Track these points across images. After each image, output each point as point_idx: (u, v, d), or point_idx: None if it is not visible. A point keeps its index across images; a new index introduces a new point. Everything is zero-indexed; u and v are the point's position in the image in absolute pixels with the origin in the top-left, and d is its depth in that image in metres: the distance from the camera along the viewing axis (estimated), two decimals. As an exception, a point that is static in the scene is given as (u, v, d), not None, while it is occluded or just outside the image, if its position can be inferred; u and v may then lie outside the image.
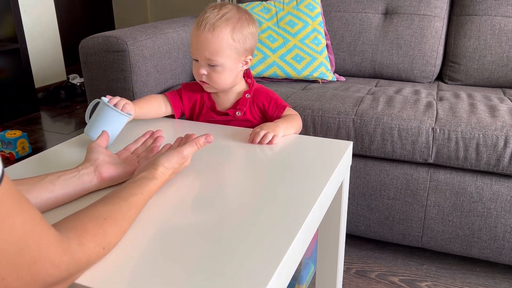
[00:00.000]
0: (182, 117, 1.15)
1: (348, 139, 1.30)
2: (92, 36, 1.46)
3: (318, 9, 1.73)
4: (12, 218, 0.38)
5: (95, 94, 1.49)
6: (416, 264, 1.40)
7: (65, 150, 0.91)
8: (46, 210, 0.65)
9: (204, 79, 1.02)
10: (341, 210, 0.95)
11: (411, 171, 1.29)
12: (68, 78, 3.54)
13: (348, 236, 1.47)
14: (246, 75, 1.11)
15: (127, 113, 0.94)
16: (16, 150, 2.23)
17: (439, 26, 1.71)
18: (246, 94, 1.07)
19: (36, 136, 2.59)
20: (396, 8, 1.76)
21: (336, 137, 1.31)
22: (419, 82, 1.73)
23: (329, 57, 1.72)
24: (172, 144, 0.82)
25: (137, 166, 0.75)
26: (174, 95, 1.10)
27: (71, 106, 3.11)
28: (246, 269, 0.52)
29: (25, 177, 0.71)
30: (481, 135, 1.18)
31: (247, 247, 0.56)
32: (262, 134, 0.91)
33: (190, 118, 1.14)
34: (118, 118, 0.92)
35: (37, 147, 2.41)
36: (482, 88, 1.64)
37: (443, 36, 1.72)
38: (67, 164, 0.85)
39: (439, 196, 1.28)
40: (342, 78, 1.73)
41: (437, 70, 1.73)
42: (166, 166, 0.69)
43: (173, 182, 0.75)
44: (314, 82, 1.67)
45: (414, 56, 1.70)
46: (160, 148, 0.82)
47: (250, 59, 1.05)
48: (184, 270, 0.52)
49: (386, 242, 1.49)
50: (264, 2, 1.78)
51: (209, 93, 1.09)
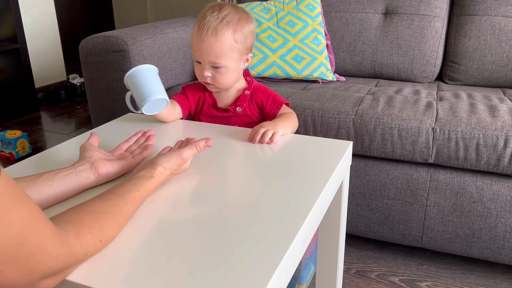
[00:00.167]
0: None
1: (348, 139, 1.30)
2: (92, 36, 1.46)
3: (318, 9, 1.73)
4: (10, 213, 0.38)
5: (95, 94, 1.49)
6: (416, 264, 1.40)
7: (65, 150, 0.91)
8: (45, 206, 0.66)
9: (208, 81, 1.04)
10: (341, 210, 0.95)
11: (411, 171, 1.29)
12: (68, 78, 3.55)
13: (348, 236, 1.47)
14: (245, 74, 1.13)
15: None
16: (16, 150, 2.23)
17: (439, 26, 1.71)
18: (246, 91, 1.10)
19: (36, 136, 2.59)
20: (396, 8, 1.76)
21: (336, 137, 1.31)
22: (419, 82, 1.73)
23: (329, 57, 1.72)
24: (172, 146, 0.83)
25: (132, 161, 0.76)
26: (181, 97, 1.11)
27: (71, 106, 3.11)
28: (245, 269, 0.52)
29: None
30: (481, 135, 1.18)
31: (247, 247, 0.56)
32: (262, 131, 0.92)
33: (192, 116, 1.15)
34: (150, 71, 0.96)
35: (37, 147, 2.41)
36: (482, 88, 1.64)
37: (443, 36, 1.72)
38: (67, 164, 0.85)
39: (439, 196, 1.28)
40: (342, 78, 1.73)
41: (437, 70, 1.73)
42: (165, 167, 0.69)
43: (172, 181, 0.75)
44: (314, 82, 1.67)
45: (414, 56, 1.70)
46: (161, 150, 0.83)
47: (251, 57, 1.07)
48: (183, 270, 0.52)
49: (386, 242, 1.49)
50: (264, 2, 1.78)
51: (211, 91, 1.11)
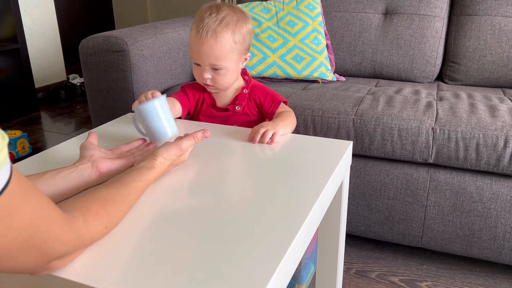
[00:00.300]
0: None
1: (348, 139, 1.30)
2: (92, 36, 1.46)
3: (318, 9, 1.73)
4: (23, 207, 0.41)
5: (95, 94, 1.49)
6: (416, 264, 1.40)
7: (65, 150, 0.91)
8: None
9: (208, 83, 1.04)
10: (341, 210, 0.95)
11: (411, 171, 1.29)
12: (68, 78, 3.55)
13: (348, 236, 1.47)
14: (243, 73, 1.13)
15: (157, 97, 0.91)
16: (16, 150, 2.23)
17: (439, 26, 1.71)
18: (244, 90, 1.10)
19: (36, 136, 2.59)
20: (396, 8, 1.76)
21: (336, 137, 1.31)
22: (419, 82, 1.73)
23: (329, 57, 1.72)
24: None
25: (132, 160, 0.77)
26: (181, 95, 1.11)
27: (71, 106, 3.11)
28: (245, 269, 0.52)
29: (25, 177, 0.71)
30: (481, 135, 1.18)
31: (247, 247, 0.56)
32: (262, 131, 0.91)
33: (192, 115, 1.15)
34: (157, 107, 0.88)
35: (37, 147, 2.41)
36: (482, 88, 1.64)
37: (443, 36, 1.72)
38: (67, 163, 0.85)
39: (439, 196, 1.28)
40: (342, 78, 1.73)
41: (437, 70, 1.73)
42: (165, 157, 0.72)
43: (172, 181, 0.75)
44: (314, 82, 1.67)
45: (414, 56, 1.70)
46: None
47: (249, 56, 1.08)
48: (183, 270, 0.52)
49: (386, 242, 1.49)
50: (264, 2, 1.78)
51: (209, 91, 1.11)
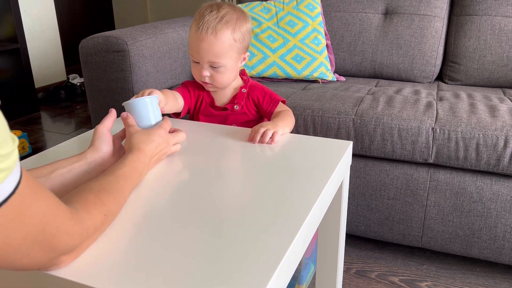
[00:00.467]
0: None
1: (348, 139, 1.30)
2: (92, 36, 1.46)
3: (318, 9, 1.73)
4: (32, 206, 0.43)
5: (95, 94, 1.49)
6: (416, 264, 1.40)
7: (65, 150, 0.91)
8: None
9: (207, 80, 1.04)
10: (341, 210, 0.95)
11: (411, 171, 1.29)
12: (68, 78, 3.54)
13: (348, 236, 1.47)
14: (241, 73, 1.14)
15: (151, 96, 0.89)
16: (16, 150, 2.22)
17: (439, 26, 1.71)
18: (243, 89, 1.10)
19: (36, 136, 2.59)
20: (396, 8, 1.76)
21: (336, 137, 1.31)
22: (419, 82, 1.73)
23: (329, 57, 1.72)
24: None
25: None
26: (183, 90, 1.11)
27: (71, 106, 3.11)
28: (245, 269, 0.52)
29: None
30: (481, 135, 1.18)
31: (247, 247, 0.56)
32: (262, 131, 0.91)
33: (191, 114, 1.15)
34: (147, 104, 0.87)
35: (37, 147, 2.41)
36: (482, 88, 1.64)
37: (443, 36, 1.72)
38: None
39: (439, 196, 1.28)
40: (342, 78, 1.73)
41: (437, 70, 1.73)
42: (143, 138, 0.75)
43: (172, 180, 0.75)
44: (314, 82, 1.67)
45: (414, 56, 1.70)
46: None
47: (248, 55, 1.08)
48: (183, 270, 0.52)
49: (386, 242, 1.49)
50: (264, 2, 1.78)
51: (208, 90, 1.11)
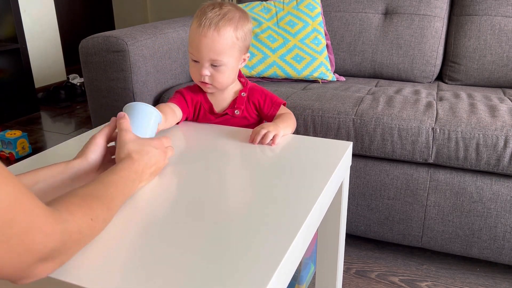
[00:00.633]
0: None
1: (348, 139, 1.30)
2: (92, 36, 1.46)
3: (318, 9, 1.73)
4: None
5: (95, 94, 1.49)
6: (416, 264, 1.40)
7: (65, 150, 0.91)
8: None
9: (207, 80, 1.00)
10: (340, 210, 0.95)
11: (411, 171, 1.29)
12: (68, 78, 3.54)
13: (348, 236, 1.47)
14: (239, 75, 1.10)
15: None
16: (16, 150, 2.23)
17: (439, 26, 1.71)
18: (242, 93, 1.07)
19: (36, 136, 2.59)
20: (396, 8, 1.76)
21: (336, 137, 1.31)
22: (419, 82, 1.73)
23: (329, 57, 1.72)
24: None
25: None
26: (180, 100, 1.06)
27: (71, 106, 3.11)
28: (245, 269, 0.52)
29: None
30: (481, 135, 1.18)
31: (247, 248, 0.56)
32: (263, 133, 0.91)
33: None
34: (153, 114, 0.83)
35: (37, 147, 2.41)
36: (482, 88, 1.64)
37: (443, 36, 1.72)
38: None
39: (439, 196, 1.28)
40: (342, 78, 1.73)
41: (437, 70, 1.73)
42: (134, 145, 0.71)
43: (172, 181, 0.75)
44: (314, 82, 1.67)
45: (414, 56, 1.70)
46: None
47: (248, 56, 1.05)
48: (183, 271, 0.52)
49: (386, 242, 1.49)
50: (264, 2, 1.78)
51: (206, 95, 1.07)
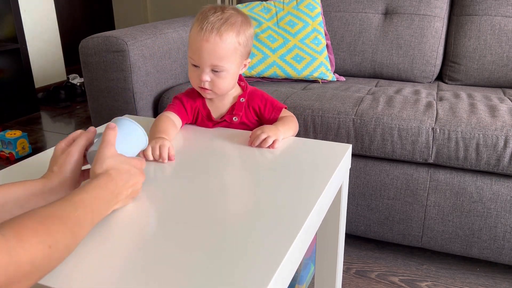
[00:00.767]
0: None
1: (348, 139, 1.30)
2: (92, 36, 1.46)
3: (318, 9, 1.73)
4: None
5: (95, 94, 1.49)
6: (416, 264, 1.40)
7: (65, 150, 0.91)
8: None
9: (207, 86, 0.97)
10: (340, 212, 0.94)
11: (411, 171, 1.29)
12: (68, 78, 3.54)
13: (348, 236, 1.47)
14: (239, 79, 1.06)
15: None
16: (16, 150, 2.23)
17: (439, 26, 1.71)
18: (241, 98, 1.04)
19: (36, 136, 2.59)
20: (396, 8, 1.76)
21: (336, 137, 1.31)
22: (419, 82, 1.73)
23: (329, 57, 1.72)
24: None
25: None
26: (179, 108, 1.03)
27: (71, 106, 3.11)
28: (245, 271, 0.52)
29: (25, 177, 0.69)
30: (481, 135, 1.18)
31: (247, 250, 0.56)
32: (263, 137, 0.89)
33: None
34: (144, 139, 0.76)
35: (37, 147, 2.41)
36: (482, 88, 1.64)
37: (443, 36, 1.72)
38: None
39: (439, 196, 1.28)
40: (342, 78, 1.73)
41: (437, 70, 1.73)
42: (108, 161, 0.62)
43: (171, 182, 0.75)
44: (314, 82, 1.67)
45: (414, 56, 1.70)
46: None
47: (249, 62, 1.03)
48: (183, 273, 0.52)
49: (386, 242, 1.49)
50: (264, 2, 1.78)
51: (204, 101, 1.04)
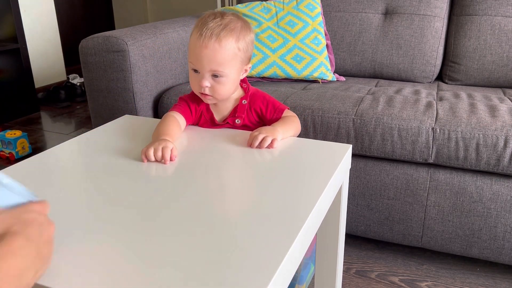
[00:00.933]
0: None
1: (348, 139, 1.30)
2: (92, 36, 1.46)
3: (318, 9, 1.73)
4: None
5: (95, 94, 1.49)
6: (416, 264, 1.40)
7: (65, 150, 0.91)
8: None
9: (207, 92, 0.97)
10: (340, 213, 0.94)
11: (411, 171, 1.29)
12: (68, 78, 3.54)
13: (348, 236, 1.47)
14: (242, 80, 1.06)
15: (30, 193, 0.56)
16: (16, 150, 2.23)
17: (439, 26, 1.71)
18: (243, 101, 1.04)
19: (36, 136, 2.59)
20: (396, 8, 1.76)
21: (336, 137, 1.31)
22: (419, 82, 1.73)
23: (329, 57, 1.72)
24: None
25: None
26: (184, 108, 1.04)
27: (71, 106, 3.11)
28: (245, 271, 0.52)
29: (25, 177, 0.69)
30: (481, 135, 1.18)
31: (246, 250, 0.56)
32: (260, 138, 0.89)
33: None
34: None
35: (37, 147, 2.41)
36: (482, 88, 1.64)
37: (443, 36, 1.72)
38: (67, 164, 0.86)
39: (439, 196, 1.28)
40: (342, 78, 1.73)
41: (437, 70, 1.73)
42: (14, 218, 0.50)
43: (171, 183, 0.75)
44: (314, 82, 1.67)
45: (414, 56, 1.70)
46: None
47: (249, 67, 1.02)
48: (183, 273, 0.52)
49: (386, 242, 1.49)
50: (264, 2, 1.78)
51: (207, 104, 1.05)
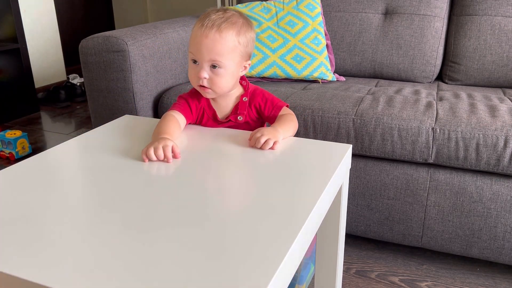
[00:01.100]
0: None
1: (348, 139, 1.30)
2: (92, 36, 1.46)
3: (318, 9, 1.73)
4: None
5: (95, 94, 1.49)
6: (416, 264, 1.40)
7: (65, 150, 0.91)
8: None
9: (205, 84, 0.97)
10: (340, 213, 0.94)
11: (411, 171, 1.29)
12: (68, 78, 3.54)
13: (348, 236, 1.47)
14: (241, 78, 1.08)
15: None
16: (16, 150, 2.23)
17: (439, 26, 1.71)
18: (244, 98, 1.06)
19: (36, 136, 2.59)
20: (396, 8, 1.76)
21: (336, 137, 1.31)
22: (419, 82, 1.73)
23: (329, 57, 1.72)
24: None
25: None
26: (184, 107, 1.04)
27: (71, 106, 3.11)
28: (245, 272, 0.52)
29: (25, 177, 0.69)
30: (481, 135, 1.18)
31: (246, 250, 0.56)
32: (263, 140, 0.90)
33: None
34: None
35: (37, 147, 2.41)
36: (482, 88, 1.64)
37: (443, 36, 1.72)
38: (67, 164, 0.86)
39: (439, 196, 1.28)
40: (342, 78, 1.73)
41: (437, 70, 1.73)
42: None
43: (171, 183, 0.75)
44: (314, 82, 1.67)
45: (414, 56, 1.70)
46: None
47: (249, 64, 1.03)
48: (183, 272, 0.52)
49: (386, 242, 1.49)
50: (264, 2, 1.78)
51: (209, 102, 1.05)
